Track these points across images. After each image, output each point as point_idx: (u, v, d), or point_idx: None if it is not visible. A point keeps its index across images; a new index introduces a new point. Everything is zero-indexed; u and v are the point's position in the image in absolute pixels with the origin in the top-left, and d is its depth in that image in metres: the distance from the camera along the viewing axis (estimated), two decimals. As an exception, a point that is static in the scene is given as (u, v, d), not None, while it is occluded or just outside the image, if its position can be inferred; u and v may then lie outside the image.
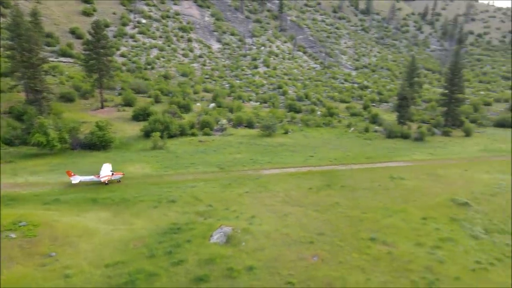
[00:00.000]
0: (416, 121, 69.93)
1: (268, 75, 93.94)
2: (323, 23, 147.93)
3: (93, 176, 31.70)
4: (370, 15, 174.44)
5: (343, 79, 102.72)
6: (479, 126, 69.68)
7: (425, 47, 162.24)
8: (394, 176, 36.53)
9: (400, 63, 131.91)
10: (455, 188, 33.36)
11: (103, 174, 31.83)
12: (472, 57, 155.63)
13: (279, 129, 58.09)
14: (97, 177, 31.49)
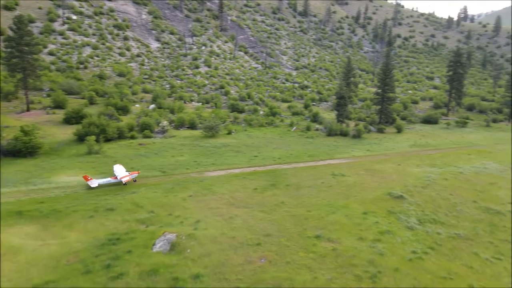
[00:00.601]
0: (354, 119, 73.30)
1: (210, 75, 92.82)
2: (263, 24, 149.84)
3: (110, 178, 32.32)
4: (308, 17, 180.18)
5: (284, 79, 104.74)
6: (408, 123, 74.85)
7: (359, 48, 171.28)
8: (335, 173, 37.71)
9: (337, 64, 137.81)
10: (391, 182, 35.27)
11: (120, 175, 32.42)
12: (400, 58, 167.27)
13: (223, 129, 57.49)
14: (114, 178, 32.30)
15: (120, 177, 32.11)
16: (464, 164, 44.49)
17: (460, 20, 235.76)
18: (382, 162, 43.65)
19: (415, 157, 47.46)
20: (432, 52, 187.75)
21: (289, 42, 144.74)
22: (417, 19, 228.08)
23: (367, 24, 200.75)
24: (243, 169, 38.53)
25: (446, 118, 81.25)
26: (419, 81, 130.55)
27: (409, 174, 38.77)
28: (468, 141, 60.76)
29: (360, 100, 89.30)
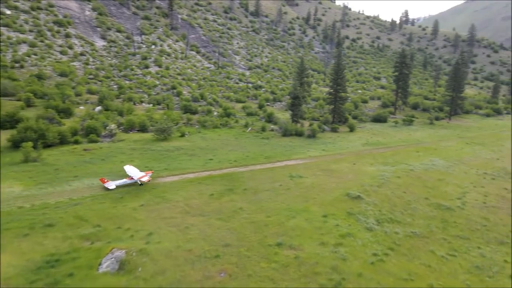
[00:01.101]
0: (308, 118, 73.89)
1: (161, 75, 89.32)
2: (215, 23, 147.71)
3: (126, 179, 32.64)
4: (260, 17, 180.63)
5: (237, 79, 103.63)
6: (360, 122, 76.87)
7: (310, 49, 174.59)
8: (293, 175, 37.21)
9: (289, 64, 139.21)
10: (348, 182, 35.40)
11: (136, 175, 32.85)
12: (349, 59, 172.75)
13: (175, 132, 55.13)
14: (130, 179, 32.63)
15: (137, 177, 32.50)
16: (414, 161, 46.06)
17: (402, 23, 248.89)
18: (338, 162, 43.96)
19: (368, 155, 48.43)
20: (378, 53, 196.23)
21: (242, 42, 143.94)
22: (364, 22, 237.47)
23: (317, 25, 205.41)
24: (198, 174, 36.85)
25: (394, 117, 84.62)
26: (367, 81, 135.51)
27: (364, 173, 39.26)
28: (415, 139, 63.38)
29: (313, 99, 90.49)
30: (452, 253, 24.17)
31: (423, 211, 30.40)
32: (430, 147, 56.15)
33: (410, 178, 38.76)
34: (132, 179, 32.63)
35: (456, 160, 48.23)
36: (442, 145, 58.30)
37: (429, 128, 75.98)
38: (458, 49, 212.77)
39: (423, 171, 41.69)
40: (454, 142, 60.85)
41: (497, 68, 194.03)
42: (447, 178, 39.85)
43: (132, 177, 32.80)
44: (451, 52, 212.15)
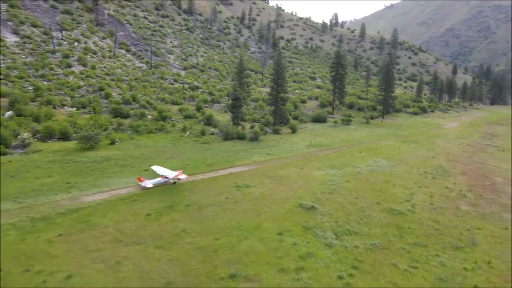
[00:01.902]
0: (248, 120, 71.35)
1: (86, 75, 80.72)
2: (146, 20, 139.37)
3: (160, 178, 33.34)
4: (193, 15, 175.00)
5: (172, 79, 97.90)
6: (301, 122, 76.20)
7: (246, 49, 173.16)
8: (239, 184, 34.07)
9: (226, 64, 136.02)
10: (299, 190, 33.16)
11: (169, 174, 33.64)
12: (285, 59, 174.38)
13: (104, 139, 49.03)
14: (164, 178, 33.39)
15: (173, 176, 33.23)
16: (359, 163, 45.51)
17: (332, 26, 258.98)
18: (284, 167, 41.72)
19: (314, 158, 46.97)
20: (312, 53, 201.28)
21: (176, 40, 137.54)
22: (297, 23, 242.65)
23: (252, 25, 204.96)
24: (132, 189, 32.04)
25: (332, 117, 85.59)
26: (304, 81, 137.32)
27: (314, 178, 37.42)
28: (355, 139, 63.86)
29: (252, 100, 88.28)
30: (414, 264, 22.78)
31: (378, 217, 29.06)
32: (371, 147, 56.60)
33: (359, 181, 37.72)
34: (166, 178, 33.46)
35: (398, 160, 48.77)
36: (381, 144, 59.24)
37: (366, 127, 77.72)
38: (383, 51, 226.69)
39: (370, 173, 41.07)
40: (391, 141, 62.30)
41: (418, 69, 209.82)
42: (393, 179, 39.56)
43: (165, 176, 33.58)
44: (378, 54, 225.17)
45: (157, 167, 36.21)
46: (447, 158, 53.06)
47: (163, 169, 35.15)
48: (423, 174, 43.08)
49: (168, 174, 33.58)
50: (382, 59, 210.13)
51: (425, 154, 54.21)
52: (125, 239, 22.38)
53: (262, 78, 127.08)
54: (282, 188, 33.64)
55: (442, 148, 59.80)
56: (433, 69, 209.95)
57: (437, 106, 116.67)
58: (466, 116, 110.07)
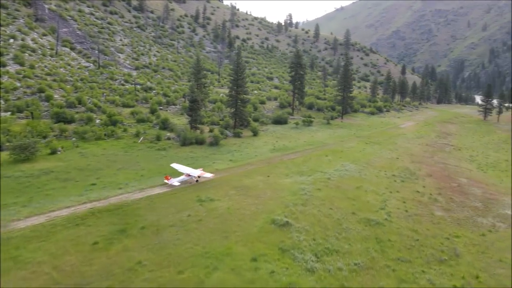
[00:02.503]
0: (207, 123, 67.48)
1: (23, 76, 72.33)
2: (93, 17, 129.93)
3: (183, 176, 34.71)
4: (145, 12, 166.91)
5: (123, 80, 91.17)
6: (261, 124, 73.52)
7: (201, 48, 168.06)
8: (202, 198, 30.42)
9: (180, 64, 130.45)
10: (269, 203, 30.14)
11: (192, 172, 34.93)
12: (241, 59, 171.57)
13: (43, 148, 43.02)
14: (187, 176, 34.70)
15: (197, 174, 34.55)
16: (327, 167, 43.45)
17: (287, 26, 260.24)
18: (250, 175, 38.57)
19: (280, 164, 44.25)
20: (268, 53, 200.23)
21: (126, 38, 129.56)
22: (252, 23, 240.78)
23: (207, 24, 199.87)
24: (75, 209, 27.27)
25: (293, 118, 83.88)
26: (261, 81, 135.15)
27: (283, 188, 34.61)
28: (319, 141, 62.23)
29: (210, 102, 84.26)
30: (402, 285, 20.60)
31: (356, 230, 26.78)
32: (336, 149, 55.07)
33: (330, 189, 35.48)
34: (189, 176, 34.74)
35: (365, 163, 47.42)
36: (345, 146, 57.97)
37: (327, 128, 76.71)
38: (337, 51, 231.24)
39: (340, 179, 39.06)
40: (355, 143, 61.34)
41: (370, 69, 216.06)
42: (364, 185, 37.81)
43: (188, 174, 34.83)
44: (332, 54, 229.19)
45: (177, 165, 37.93)
46: (411, 159, 52.75)
47: (185, 167, 36.90)
48: (391, 178, 41.88)
49: (191, 172, 35.01)
50: (337, 59, 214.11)
51: (389, 156, 53.58)
52: (65, 280, 18.03)
53: (219, 78, 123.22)
54: (251, 201, 30.44)
55: (404, 149, 59.77)
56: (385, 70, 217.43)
57: (391, 105, 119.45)
58: (419, 115, 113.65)
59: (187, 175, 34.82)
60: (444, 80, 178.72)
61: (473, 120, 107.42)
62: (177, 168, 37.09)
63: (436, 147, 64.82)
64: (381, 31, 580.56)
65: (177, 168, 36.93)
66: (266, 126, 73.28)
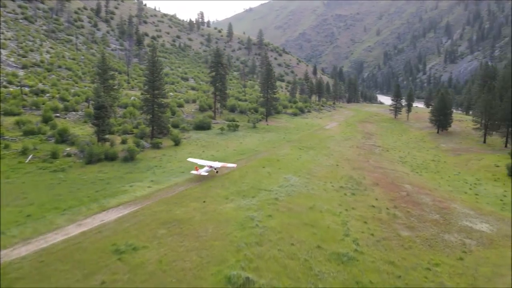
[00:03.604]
0: (118, 132, 56.83)
1: None
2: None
3: (207, 167, 37.99)
4: (33, 2, 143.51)
5: (6, 81, 74.11)
6: (183, 131, 65.05)
7: (105, 45, 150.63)
8: (121, 247, 21.90)
9: (81, 62, 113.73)
10: (214, 246, 22.85)
11: (213, 164, 38.73)
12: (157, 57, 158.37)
13: None
14: (209, 167, 38.13)
15: (218, 166, 38.34)
16: (269, 183, 37.47)
17: (199, 24, 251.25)
18: (181, 201, 30.68)
19: (214, 182, 36.91)
20: (181, 52, 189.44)
21: (9, 31, 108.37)
22: (162, 19, 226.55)
23: (111, 19, 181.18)
24: None
25: (216, 122, 76.78)
26: (176, 82, 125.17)
27: (227, 218, 27.55)
28: (249, 148, 56.30)
29: (120, 106, 72.63)
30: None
31: (331, 275, 21.09)
32: (271, 158, 49.57)
33: (282, 213, 29.47)
34: (211, 167, 38.02)
35: (307, 174, 42.66)
36: (280, 154, 52.89)
37: (255, 133, 71.33)
38: (251, 51, 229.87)
39: (289, 198, 33.34)
40: (288, 149, 56.75)
41: (283, 70, 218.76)
42: (316, 203, 32.64)
43: (210, 165, 38.17)
44: (246, 54, 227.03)
45: (192, 159, 41.85)
46: (350, 165, 49.73)
47: (203, 161, 41.04)
48: (340, 190, 37.61)
49: (212, 164, 38.45)
50: (251, 59, 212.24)
51: (327, 162, 49.91)
52: None
53: (129, 79, 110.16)
54: (189, 244, 22.78)
55: (339, 153, 57.03)
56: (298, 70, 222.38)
57: (311, 106, 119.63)
58: (338, 115, 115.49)
59: (209, 166, 38.21)
60: (353, 80, 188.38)
61: (386, 119, 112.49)
62: (196, 161, 40.80)
63: (366, 149, 63.75)
64: (289, 33, 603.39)
65: (196, 162, 40.60)
66: (188, 133, 64.98)
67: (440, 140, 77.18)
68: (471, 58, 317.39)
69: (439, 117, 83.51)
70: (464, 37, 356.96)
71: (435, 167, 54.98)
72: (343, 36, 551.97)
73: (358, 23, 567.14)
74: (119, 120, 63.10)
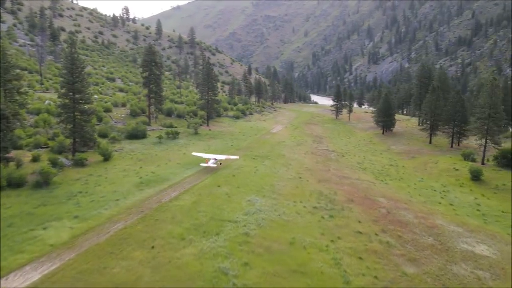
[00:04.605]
0: (27, 147, 45.11)
1: None
2: None
3: (213, 160, 42.31)
4: None
5: None
6: (113, 142, 54.70)
7: (12, 40, 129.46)
8: None
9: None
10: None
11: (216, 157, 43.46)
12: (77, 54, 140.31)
13: None
14: (214, 159, 42.46)
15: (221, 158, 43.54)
16: (232, 210, 30.19)
17: (124, 20, 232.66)
18: (120, 251, 22.15)
19: (163, 214, 28.55)
20: (105, 50, 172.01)
21: None
22: (81, 13, 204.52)
23: (18, 11, 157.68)
24: None
25: (152, 129, 67.01)
26: (101, 83, 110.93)
27: (188, 274, 19.86)
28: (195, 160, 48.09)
29: (31, 113, 59.38)
30: None
31: None
32: (224, 172, 42.14)
33: (261, 258, 22.50)
34: (215, 159, 42.38)
35: (271, 192, 36.12)
36: (232, 166, 45.68)
37: (198, 140, 63.23)
38: (183, 50, 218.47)
39: (261, 231, 26.44)
40: (241, 160, 49.65)
41: (218, 69, 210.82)
42: (295, 236, 26.22)
43: (215, 158, 42.73)
44: (177, 53, 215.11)
45: (196, 153, 47.23)
46: (313, 177, 44.29)
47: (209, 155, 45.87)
48: (315, 212, 31.69)
49: (216, 157, 43.38)
50: (183, 58, 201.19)
51: (289, 175, 43.95)
52: None
53: (42, 79, 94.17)
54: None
55: (297, 162, 51.52)
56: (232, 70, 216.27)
57: (252, 108, 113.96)
58: (280, 116, 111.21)
59: (214, 159, 42.24)
60: (289, 80, 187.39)
61: (328, 120, 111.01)
62: (201, 155, 45.27)
63: (321, 156, 59.32)
64: (219, 32, 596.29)
65: (200, 155, 44.97)
66: (120, 144, 54.81)
67: (388, 142, 76.23)
68: (391, 60, 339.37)
69: (384, 118, 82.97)
70: (384, 40, 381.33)
71: (396, 173, 52.17)
72: (273, 36, 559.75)
73: (286, 24, 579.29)
74: (29, 130, 50.78)
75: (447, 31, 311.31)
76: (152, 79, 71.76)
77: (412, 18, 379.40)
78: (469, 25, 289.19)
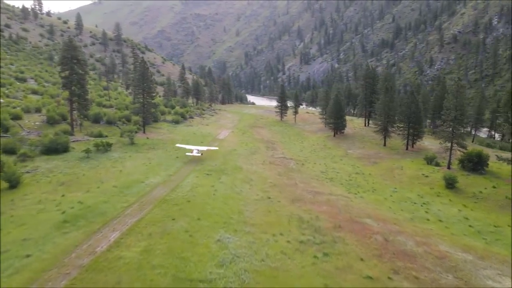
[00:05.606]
0: None
1: None
2: None
3: (196, 151, 50.01)
4: None
5: None
6: (23, 160, 42.77)
7: None
8: None
9: None
10: None
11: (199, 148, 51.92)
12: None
13: None
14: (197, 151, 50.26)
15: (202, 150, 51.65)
16: (200, 261, 22.09)
17: (37, 13, 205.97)
18: None
19: (94, 275, 19.55)
20: (13, 46, 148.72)
21: None
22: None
23: None
24: None
25: (76, 140, 55.20)
26: (9, 84, 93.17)
27: None
28: (136, 180, 38.83)
29: None
30: None
31: None
32: (176, 197, 33.54)
33: None
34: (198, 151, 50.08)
35: (242, 224, 28.59)
36: (184, 187, 37.19)
37: (135, 152, 53.12)
38: (108, 47, 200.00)
39: None
40: (191, 177, 41.34)
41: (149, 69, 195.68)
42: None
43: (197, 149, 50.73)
44: (102, 51, 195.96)
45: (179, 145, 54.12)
46: (283, 195, 37.56)
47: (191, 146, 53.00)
48: (305, 252, 24.93)
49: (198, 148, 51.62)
50: (109, 56, 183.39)
51: (255, 195, 36.72)
52: None
53: None
54: None
55: (258, 176, 44.48)
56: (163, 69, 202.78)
57: (192, 111, 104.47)
58: (223, 120, 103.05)
59: (197, 150, 50.01)
60: (227, 80, 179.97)
61: (274, 122, 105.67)
62: (184, 146, 52.79)
63: (281, 165, 53.06)
64: (146, 30, 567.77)
65: (185, 147, 52.52)
66: (33, 162, 43.03)
67: (343, 145, 72.74)
68: (322, 60, 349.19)
69: (335, 120, 79.65)
70: (314, 41, 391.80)
71: (366, 183, 47.77)
72: (204, 35, 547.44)
73: (217, 23, 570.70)
74: None
75: (371, 33, 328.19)
76: (74, 79, 59.64)
77: (338, 20, 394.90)
78: (391, 29, 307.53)
